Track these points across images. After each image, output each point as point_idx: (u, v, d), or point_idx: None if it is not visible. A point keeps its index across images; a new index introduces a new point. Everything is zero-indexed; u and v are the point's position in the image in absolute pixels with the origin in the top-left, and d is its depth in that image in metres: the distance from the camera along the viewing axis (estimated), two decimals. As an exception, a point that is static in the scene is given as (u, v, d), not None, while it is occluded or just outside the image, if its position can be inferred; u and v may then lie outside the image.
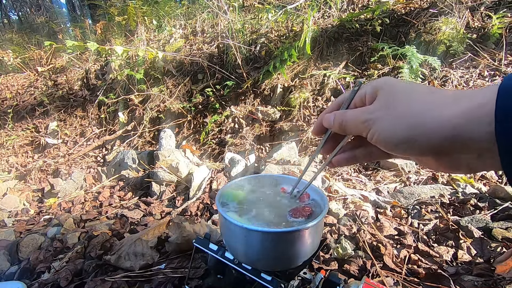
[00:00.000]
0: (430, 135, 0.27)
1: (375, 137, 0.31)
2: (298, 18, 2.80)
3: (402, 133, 0.28)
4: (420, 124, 0.27)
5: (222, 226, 0.68)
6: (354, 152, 0.40)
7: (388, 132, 0.30)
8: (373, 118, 0.31)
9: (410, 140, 0.28)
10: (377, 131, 0.31)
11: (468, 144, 0.25)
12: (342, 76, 2.28)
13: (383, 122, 0.30)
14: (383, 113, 0.31)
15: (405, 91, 0.31)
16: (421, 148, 0.28)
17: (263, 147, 2.21)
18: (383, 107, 0.31)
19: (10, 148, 3.36)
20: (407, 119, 0.28)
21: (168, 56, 3.05)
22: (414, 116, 0.28)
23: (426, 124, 0.27)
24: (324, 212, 0.61)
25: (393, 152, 0.31)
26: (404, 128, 0.28)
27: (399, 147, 0.29)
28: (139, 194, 1.96)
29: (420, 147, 0.28)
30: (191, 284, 0.95)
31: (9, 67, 4.52)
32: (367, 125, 0.32)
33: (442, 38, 2.16)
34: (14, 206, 2.18)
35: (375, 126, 0.31)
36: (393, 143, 0.29)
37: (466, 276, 0.90)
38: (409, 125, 0.28)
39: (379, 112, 0.31)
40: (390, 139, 0.30)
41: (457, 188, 1.42)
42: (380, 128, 0.30)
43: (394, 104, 0.30)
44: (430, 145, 0.27)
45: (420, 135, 0.27)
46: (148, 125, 2.96)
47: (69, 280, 1.05)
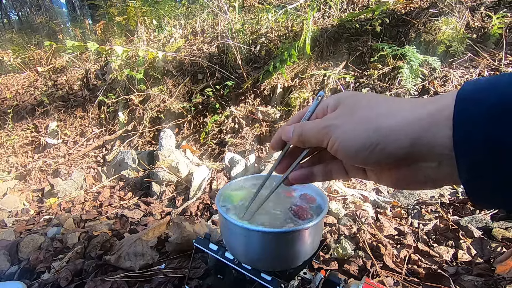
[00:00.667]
0: (394, 137, 0.25)
1: (336, 144, 0.29)
2: (298, 18, 2.80)
3: (364, 137, 0.27)
4: (384, 127, 0.26)
5: (222, 226, 0.68)
6: (312, 169, 0.38)
7: (349, 137, 0.28)
8: (334, 124, 0.30)
9: (372, 145, 0.26)
10: (338, 138, 0.29)
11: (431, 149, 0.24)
12: (342, 76, 2.28)
13: (344, 127, 0.29)
14: (345, 119, 0.29)
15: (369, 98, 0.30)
16: (383, 154, 0.26)
17: (263, 147, 2.21)
18: (345, 114, 0.30)
19: (10, 148, 3.36)
20: (370, 123, 0.27)
21: (168, 56, 3.05)
22: (378, 119, 0.27)
23: (390, 127, 0.26)
24: (324, 212, 0.61)
25: (354, 161, 0.29)
26: (367, 131, 0.27)
27: (360, 153, 0.27)
28: (139, 194, 1.96)
29: (382, 153, 0.26)
30: (191, 284, 0.95)
31: (9, 67, 4.52)
32: (327, 132, 0.30)
33: (442, 38, 2.16)
34: (14, 206, 2.18)
35: (336, 133, 0.29)
36: (355, 149, 0.28)
37: (466, 276, 0.90)
38: (372, 128, 0.27)
39: (340, 118, 0.30)
40: (351, 145, 0.28)
41: (457, 188, 1.42)
42: (341, 133, 0.29)
43: (356, 110, 0.29)
44: (393, 150, 0.26)
45: (383, 138, 0.26)
46: (148, 125, 2.96)
47: (69, 280, 1.05)
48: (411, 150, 0.25)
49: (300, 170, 0.39)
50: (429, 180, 0.27)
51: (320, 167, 0.38)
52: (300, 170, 0.39)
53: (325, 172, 0.38)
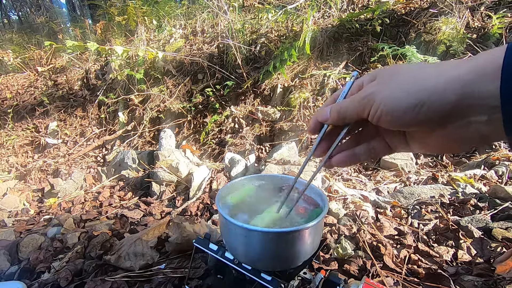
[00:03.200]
0: (440, 95, 0.25)
1: (379, 110, 0.29)
2: (298, 18, 2.80)
3: (409, 98, 0.27)
4: (428, 86, 0.26)
5: (222, 226, 0.68)
6: (354, 150, 0.38)
7: (393, 100, 0.28)
8: (374, 91, 0.29)
9: (418, 105, 0.26)
10: (381, 103, 0.28)
11: (478, 102, 0.24)
12: (342, 76, 2.28)
13: (386, 92, 0.28)
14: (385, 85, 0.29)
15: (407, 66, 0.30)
16: (430, 113, 0.26)
17: (263, 147, 2.21)
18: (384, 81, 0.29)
19: (10, 148, 3.36)
20: (412, 84, 0.27)
21: (168, 56, 3.05)
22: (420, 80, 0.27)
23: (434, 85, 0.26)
24: (324, 212, 0.61)
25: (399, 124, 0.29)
26: (411, 92, 0.27)
27: (407, 115, 0.27)
28: (139, 194, 1.96)
29: (428, 111, 0.26)
30: (191, 284, 0.95)
31: (9, 67, 4.52)
32: (368, 100, 0.30)
33: (442, 38, 2.17)
34: (14, 206, 2.17)
35: (378, 98, 0.29)
36: (400, 111, 0.27)
37: (466, 276, 0.90)
38: (415, 88, 0.27)
39: (380, 85, 0.29)
40: (396, 107, 0.27)
41: (457, 188, 1.42)
42: (384, 98, 0.28)
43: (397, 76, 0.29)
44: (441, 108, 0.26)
45: (428, 97, 0.26)
46: (148, 125, 2.96)
47: (69, 280, 1.05)
48: (459, 103, 0.25)
49: (342, 152, 0.38)
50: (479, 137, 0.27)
51: (362, 146, 0.37)
52: (343, 153, 0.38)
53: (368, 150, 0.37)
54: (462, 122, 0.26)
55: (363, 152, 0.37)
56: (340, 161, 0.38)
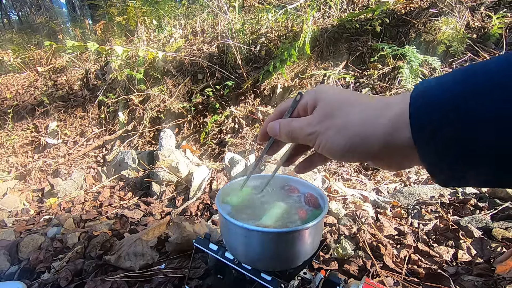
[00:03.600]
0: (367, 144, 0.31)
1: (321, 148, 0.35)
2: (298, 18, 2.80)
3: (345, 144, 0.33)
4: (359, 135, 0.32)
5: (222, 226, 0.68)
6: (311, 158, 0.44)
7: (332, 144, 0.34)
8: (317, 131, 0.35)
9: (351, 149, 0.32)
10: (322, 144, 0.35)
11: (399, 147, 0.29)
12: (342, 76, 2.28)
13: (327, 135, 0.34)
14: (325, 125, 0.34)
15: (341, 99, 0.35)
16: (361, 155, 0.33)
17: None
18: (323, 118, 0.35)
19: (10, 148, 3.36)
20: (347, 131, 0.33)
21: (168, 56, 3.05)
22: (353, 127, 0.32)
23: (363, 135, 0.31)
24: (324, 212, 0.61)
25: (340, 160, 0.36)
26: (346, 139, 0.32)
27: (344, 156, 0.34)
28: (139, 194, 1.96)
29: (360, 154, 0.32)
30: (191, 284, 0.95)
31: (9, 67, 4.52)
32: (312, 138, 0.36)
33: (442, 38, 2.16)
34: (14, 206, 2.18)
35: (320, 139, 0.35)
36: (338, 153, 0.34)
37: (466, 276, 0.90)
38: (349, 136, 0.32)
39: (321, 125, 0.35)
40: (335, 150, 0.34)
41: (457, 188, 1.42)
42: (325, 140, 0.34)
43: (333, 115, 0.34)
44: (369, 153, 0.32)
45: (359, 144, 0.32)
46: (148, 125, 2.96)
47: (69, 280, 1.05)
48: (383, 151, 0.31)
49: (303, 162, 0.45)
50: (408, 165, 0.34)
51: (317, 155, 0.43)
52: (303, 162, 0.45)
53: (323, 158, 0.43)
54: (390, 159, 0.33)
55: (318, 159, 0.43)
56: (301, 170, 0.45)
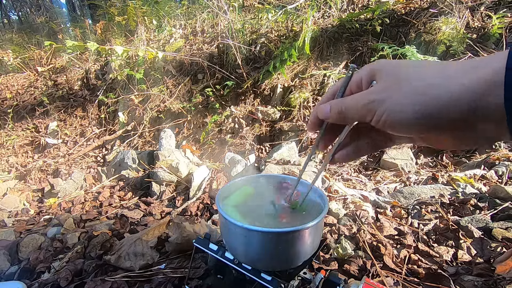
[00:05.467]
0: (449, 108, 0.25)
1: (383, 119, 0.28)
2: (298, 18, 2.80)
3: (416, 111, 0.26)
4: (436, 98, 0.25)
5: (222, 226, 0.68)
6: (356, 145, 0.37)
7: (399, 112, 0.27)
8: (379, 99, 0.28)
9: (426, 117, 0.26)
10: (386, 112, 0.27)
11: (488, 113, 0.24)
12: (342, 76, 2.28)
13: (392, 101, 0.27)
14: (390, 92, 0.28)
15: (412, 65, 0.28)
16: (439, 125, 0.26)
17: (263, 147, 2.21)
18: (389, 86, 0.28)
19: (10, 148, 3.36)
20: (419, 94, 0.26)
21: (168, 56, 3.05)
22: (428, 90, 0.26)
23: (443, 97, 0.25)
24: (324, 212, 0.61)
25: (406, 133, 0.28)
26: (418, 104, 0.26)
27: (413, 127, 0.27)
28: (139, 194, 1.96)
29: (437, 123, 0.26)
30: (191, 284, 0.95)
31: (9, 67, 4.52)
32: (372, 107, 0.29)
33: (442, 38, 2.16)
34: (14, 206, 2.17)
35: (383, 107, 0.28)
36: (407, 123, 0.27)
37: (466, 276, 0.90)
38: (423, 100, 0.26)
39: (385, 92, 0.28)
40: (402, 119, 0.27)
41: (457, 188, 1.42)
42: (389, 108, 0.27)
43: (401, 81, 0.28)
44: (450, 120, 0.25)
45: (437, 109, 0.25)
46: (148, 125, 2.96)
47: (69, 280, 1.05)
48: (467, 115, 0.25)
49: (345, 148, 0.37)
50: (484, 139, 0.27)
51: (364, 140, 0.36)
52: (345, 149, 0.37)
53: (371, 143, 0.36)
54: (469, 129, 0.26)
55: (366, 146, 0.37)
56: (344, 157, 0.38)
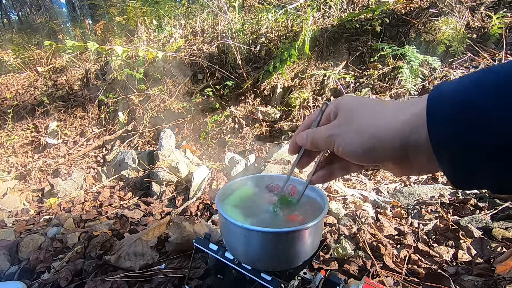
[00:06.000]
0: (384, 144, 0.30)
1: (340, 150, 0.35)
2: (298, 18, 2.80)
3: (362, 145, 0.32)
4: (376, 136, 0.31)
5: (222, 226, 0.68)
6: (331, 168, 0.44)
7: (350, 145, 0.34)
8: (336, 133, 0.36)
9: (369, 150, 0.32)
10: (341, 145, 0.35)
11: (418, 148, 0.28)
12: (342, 76, 2.28)
13: (345, 136, 0.34)
14: (344, 128, 0.35)
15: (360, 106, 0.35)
16: (379, 156, 0.32)
17: (263, 147, 2.21)
18: (343, 123, 0.35)
19: (10, 148, 3.36)
20: (364, 132, 0.32)
21: (168, 56, 3.05)
22: (370, 128, 0.32)
23: (380, 135, 0.31)
24: (324, 212, 0.61)
25: (358, 162, 0.35)
26: (363, 140, 0.32)
27: (362, 157, 0.33)
28: (139, 194, 1.96)
29: (378, 155, 0.32)
30: (191, 284, 0.95)
31: (9, 67, 4.52)
32: (331, 140, 0.36)
33: (442, 38, 2.16)
34: (14, 206, 2.17)
35: (338, 140, 0.35)
36: (356, 154, 0.33)
37: (466, 276, 0.90)
38: (366, 137, 0.32)
39: (340, 128, 0.35)
40: (353, 150, 0.33)
41: (457, 188, 1.41)
42: (343, 142, 0.34)
43: (351, 119, 0.34)
44: (387, 153, 0.31)
45: (377, 144, 0.31)
46: (148, 125, 2.96)
47: (69, 280, 1.05)
48: (401, 151, 0.30)
49: (322, 171, 0.45)
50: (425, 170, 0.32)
51: (338, 164, 0.43)
52: (322, 171, 0.45)
53: (343, 167, 0.43)
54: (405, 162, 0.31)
55: (339, 169, 0.43)
56: (320, 178, 0.45)
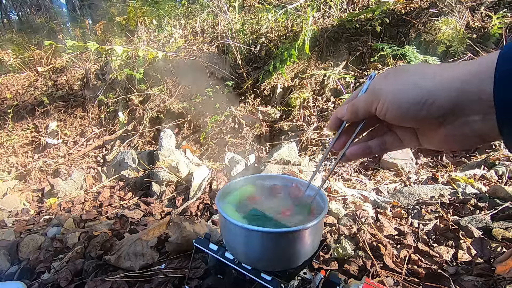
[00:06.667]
0: (441, 92, 0.27)
1: (385, 104, 0.31)
2: (298, 18, 2.80)
3: (413, 94, 0.29)
4: (430, 84, 0.28)
5: (222, 226, 0.68)
6: (367, 144, 0.41)
7: (398, 95, 0.30)
8: (380, 87, 0.32)
9: (421, 101, 0.28)
10: (387, 97, 0.31)
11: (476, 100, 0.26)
12: (342, 76, 2.28)
13: (392, 87, 0.30)
14: (391, 81, 0.31)
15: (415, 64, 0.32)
16: (432, 108, 0.28)
17: (263, 147, 2.21)
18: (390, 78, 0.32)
19: (10, 148, 3.36)
20: (416, 81, 0.29)
21: (168, 56, 3.05)
22: (423, 78, 0.29)
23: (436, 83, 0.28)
24: (324, 212, 0.61)
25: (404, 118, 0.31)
26: (414, 89, 0.29)
27: (410, 111, 0.29)
28: (139, 194, 1.96)
29: (431, 107, 0.28)
30: (191, 284, 0.95)
31: (9, 67, 4.52)
32: (375, 94, 0.32)
33: (442, 38, 2.16)
34: (14, 206, 2.17)
35: (384, 92, 0.31)
36: (405, 106, 0.29)
37: (466, 276, 0.90)
38: (419, 85, 0.29)
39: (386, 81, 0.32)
40: (401, 102, 0.30)
41: (457, 188, 1.42)
42: (390, 93, 0.30)
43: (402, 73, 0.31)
44: (442, 104, 0.28)
45: (431, 93, 0.28)
46: (148, 125, 2.96)
47: (69, 280, 1.05)
48: (458, 102, 0.27)
49: (357, 145, 0.41)
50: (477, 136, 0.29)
51: (376, 140, 0.40)
52: (357, 146, 0.41)
53: (380, 144, 0.40)
54: (460, 120, 0.28)
55: (376, 145, 0.40)
56: (354, 153, 0.41)
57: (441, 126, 0.30)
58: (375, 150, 0.40)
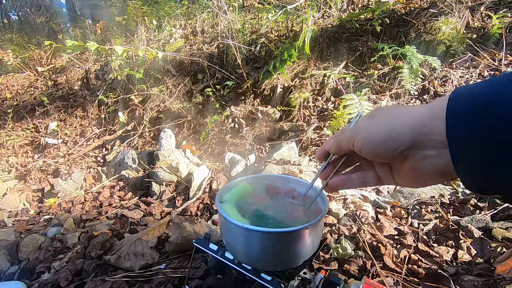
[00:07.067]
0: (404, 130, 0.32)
1: (360, 142, 0.37)
2: (298, 18, 2.80)
3: (381, 134, 0.34)
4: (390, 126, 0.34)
5: (222, 226, 0.68)
6: (350, 176, 0.45)
7: (368, 136, 0.36)
8: (358, 128, 0.38)
9: (388, 138, 0.34)
10: (361, 138, 0.37)
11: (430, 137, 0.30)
12: (342, 76, 2.28)
13: (365, 129, 0.37)
14: (366, 123, 0.38)
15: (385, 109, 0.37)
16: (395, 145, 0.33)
17: (263, 147, 2.21)
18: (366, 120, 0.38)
19: (10, 148, 3.36)
20: (383, 123, 0.35)
21: (168, 56, 3.05)
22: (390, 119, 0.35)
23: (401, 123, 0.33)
24: (324, 212, 0.61)
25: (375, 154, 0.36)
26: (382, 129, 0.35)
27: (379, 146, 0.35)
28: (139, 194, 1.96)
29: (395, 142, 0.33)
30: (191, 284, 0.95)
31: (9, 67, 4.52)
32: (354, 134, 0.38)
33: (442, 38, 2.17)
34: (14, 206, 2.17)
35: (360, 132, 0.37)
36: (372, 145, 0.35)
37: (466, 276, 0.90)
38: (386, 126, 0.34)
39: (362, 123, 0.38)
40: (370, 142, 0.36)
41: (457, 188, 1.42)
42: (364, 133, 0.37)
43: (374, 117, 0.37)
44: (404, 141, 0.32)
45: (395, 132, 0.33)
46: (148, 125, 2.96)
47: (69, 280, 1.05)
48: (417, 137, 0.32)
49: (340, 176, 0.46)
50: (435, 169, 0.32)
51: (358, 174, 0.45)
52: (339, 177, 0.46)
53: (361, 178, 0.45)
54: (421, 154, 0.33)
55: (357, 179, 0.45)
56: (336, 184, 0.46)
57: (406, 159, 0.34)
58: (356, 183, 0.45)
